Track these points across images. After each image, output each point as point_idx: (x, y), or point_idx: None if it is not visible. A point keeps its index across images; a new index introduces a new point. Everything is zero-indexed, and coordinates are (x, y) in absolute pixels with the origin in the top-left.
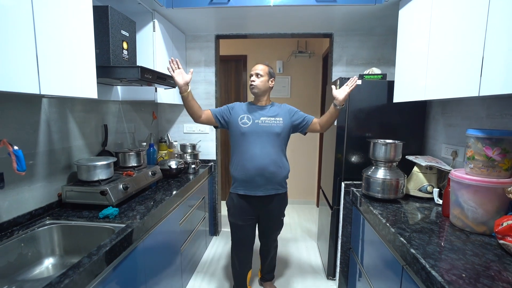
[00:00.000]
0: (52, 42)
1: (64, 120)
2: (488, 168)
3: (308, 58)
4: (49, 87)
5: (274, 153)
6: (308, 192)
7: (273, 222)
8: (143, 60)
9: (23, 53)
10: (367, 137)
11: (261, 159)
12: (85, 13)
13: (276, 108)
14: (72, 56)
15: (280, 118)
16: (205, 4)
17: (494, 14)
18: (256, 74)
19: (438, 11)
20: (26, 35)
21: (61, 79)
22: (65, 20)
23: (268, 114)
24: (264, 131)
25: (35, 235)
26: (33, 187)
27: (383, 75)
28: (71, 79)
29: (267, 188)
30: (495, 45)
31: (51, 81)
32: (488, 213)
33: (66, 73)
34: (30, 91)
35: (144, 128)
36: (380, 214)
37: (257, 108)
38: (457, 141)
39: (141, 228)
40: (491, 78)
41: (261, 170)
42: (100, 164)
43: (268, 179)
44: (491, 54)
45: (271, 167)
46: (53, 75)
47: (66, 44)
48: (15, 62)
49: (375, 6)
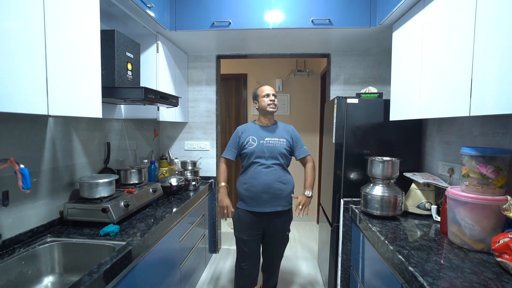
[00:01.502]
0: (61, 65)
1: (68, 138)
2: (483, 185)
3: (307, 76)
4: (57, 108)
5: (279, 171)
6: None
7: (279, 237)
8: (147, 80)
9: (34, 76)
10: (365, 154)
11: (266, 176)
12: (93, 37)
13: (281, 128)
14: (80, 78)
15: (284, 139)
16: (207, 27)
17: (480, 39)
18: (273, 95)
19: (429, 34)
20: (38, 58)
21: (68, 100)
22: (75, 44)
23: (273, 135)
24: (269, 150)
25: (36, 253)
26: (35, 204)
27: (379, 93)
28: (78, 99)
29: (273, 205)
30: (482, 68)
31: (59, 102)
32: (485, 230)
33: (73, 94)
34: (39, 112)
35: (146, 145)
36: (378, 231)
37: (261, 128)
38: (453, 158)
39: (141, 246)
40: (480, 99)
41: (267, 187)
42: (102, 181)
43: (274, 195)
44: (479, 77)
45: (276, 184)
46: (61, 96)
47: (75, 67)
48: (26, 84)
49: (369, 29)
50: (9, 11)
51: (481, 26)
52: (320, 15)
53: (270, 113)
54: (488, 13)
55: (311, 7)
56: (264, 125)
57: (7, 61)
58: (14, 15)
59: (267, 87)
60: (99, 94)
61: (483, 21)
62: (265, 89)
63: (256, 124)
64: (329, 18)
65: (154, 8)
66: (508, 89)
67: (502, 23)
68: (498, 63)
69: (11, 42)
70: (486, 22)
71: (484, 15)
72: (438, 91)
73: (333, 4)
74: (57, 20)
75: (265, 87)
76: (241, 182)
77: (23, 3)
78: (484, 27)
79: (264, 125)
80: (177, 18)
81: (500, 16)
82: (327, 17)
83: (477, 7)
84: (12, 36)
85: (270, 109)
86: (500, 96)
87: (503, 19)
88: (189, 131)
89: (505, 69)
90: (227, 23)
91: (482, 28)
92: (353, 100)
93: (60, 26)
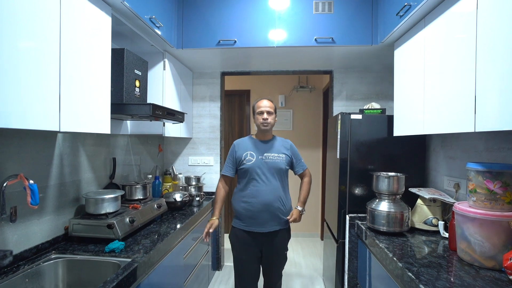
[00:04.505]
0: (74, 82)
1: (75, 153)
2: (491, 201)
3: (309, 92)
4: (68, 124)
5: (279, 189)
6: (312, 225)
7: (277, 257)
8: (153, 96)
9: (48, 93)
10: (369, 170)
11: (266, 195)
12: (104, 56)
13: (279, 143)
14: (90, 95)
15: (283, 154)
16: (213, 45)
17: (482, 56)
18: (267, 112)
19: (430, 52)
20: (52, 76)
21: (79, 116)
22: (88, 62)
23: (271, 150)
24: (268, 167)
25: (40, 270)
26: (41, 220)
27: (382, 109)
28: (88, 116)
29: (271, 224)
30: (485, 84)
31: (70, 118)
32: (496, 247)
33: (84, 110)
34: (51, 128)
35: (150, 161)
36: (386, 248)
37: (260, 143)
38: (459, 174)
39: (146, 263)
40: (485, 114)
41: (267, 206)
42: (108, 197)
43: (273, 214)
44: (483, 93)
45: (276, 203)
46: (72, 112)
47: (86, 84)
48: (39, 102)
49: (371, 47)
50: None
51: (482, 44)
52: (323, 34)
53: (264, 131)
54: (488, 31)
55: (315, 26)
56: (262, 139)
57: (21, 79)
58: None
59: (263, 103)
60: (108, 110)
61: (484, 39)
62: (261, 106)
63: (253, 139)
64: (332, 36)
65: (162, 28)
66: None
67: (503, 39)
68: (501, 79)
69: (25, 61)
70: (487, 40)
71: (485, 33)
72: (441, 108)
73: (336, 23)
74: (71, 40)
75: (262, 102)
76: (238, 200)
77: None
78: (485, 45)
79: (262, 139)
80: (184, 36)
81: (500, 33)
82: (330, 35)
83: (478, 26)
84: (26, 55)
85: (263, 127)
86: (504, 112)
87: (503, 36)
88: (193, 146)
89: (508, 85)
90: (233, 41)
91: (484, 45)
92: (357, 116)
93: (75, 46)
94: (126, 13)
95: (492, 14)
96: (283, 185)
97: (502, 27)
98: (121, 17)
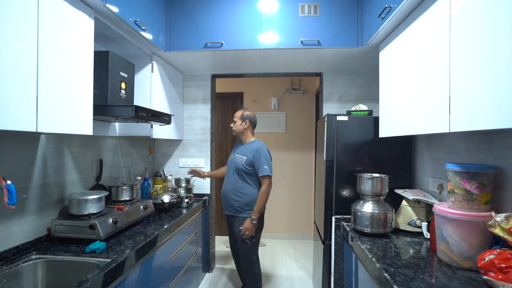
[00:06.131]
0: (53, 83)
1: (60, 155)
2: (468, 201)
3: (302, 94)
4: (46, 125)
5: (236, 183)
6: (305, 227)
7: (236, 241)
8: (141, 99)
9: (24, 93)
10: (356, 171)
11: (225, 186)
12: (86, 58)
13: (249, 146)
14: (71, 96)
15: (245, 156)
16: (200, 47)
17: (455, 57)
18: (233, 121)
19: (410, 54)
20: (29, 76)
21: (59, 118)
22: (68, 64)
23: (240, 151)
24: (232, 164)
25: (19, 270)
26: (22, 221)
27: (369, 111)
28: (69, 117)
29: (228, 209)
30: (459, 86)
31: (49, 119)
32: (473, 248)
33: (64, 111)
34: (27, 129)
35: (141, 163)
36: (368, 249)
37: (239, 144)
38: (442, 175)
39: (126, 263)
40: (459, 115)
41: (224, 194)
42: (91, 198)
43: (228, 202)
44: (456, 93)
45: (229, 194)
46: (52, 113)
47: (67, 86)
48: (15, 102)
49: (358, 49)
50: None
51: (456, 45)
52: (309, 36)
53: (235, 136)
54: (461, 31)
55: (301, 28)
56: (242, 142)
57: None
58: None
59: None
60: (91, 112)
61: (457, 40)
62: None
63: (239, 142)
64: (318, 39)
65: (149, 30)
66: (484, 106)
67: (474, 40)
68: (473, 81)
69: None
70: (460, 41)
71: (458, 34)
72: (420, 109)
73: (322, 25)
74: (50, 41)
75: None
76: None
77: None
78: (458, 46)
79: (242, 142)
80: (172, 39)
81: (472, 35)
82: (316, 38)
83: (451, 27)
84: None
85: (233, 133)
86: (477, 113)
87: (475, 36)
88: (184, 148)
89: (480, 87)
90: (220, 44)
91: (457, 47)
92: (343, 118)
93: (54, 47)
94: (110, 16)
95: (464, 15)
96: (242, 181)
97: (473, 27)
98: (106, 20)
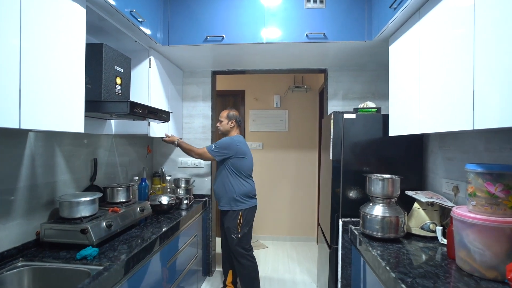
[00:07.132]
0: (39, 77)
1: (50, 154)
2: (492, 205)
3: (305, 92)
4: (31, 122)
5: (221, 178)
6: (308, 228)
7: (225, 234)
8: (139, 95)
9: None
10: (364, 172)
11: (215, 180)
12: (78, 50)
13: None
14: (60, 91)
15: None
16: (200, 41)
17: (480, 50)
18: (219, 120)
19: (426, 47)
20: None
21: (46, 114)
22: (56, 56)
23: None
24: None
25: (2, 279)
26: (8, 225)
27: (377, 108)
28: (57, 113)
29: (219, 204)
30: (484, 79)
31: (34, 115)
32: (497, 256)
33: (51, 107)
34: (8, 126)
35: (139, 162)
36: (379, 255)
37: None
38: (458, 176)
39: (119, 271)
40: (484, 111)
41: (214, 189)
42: (84, 200)
43: (217, 197)
44: (482, 88)
45: (217, 189)
46: (37, 109)
47: (54, 80)
48: None
49: (366, 43)
50: None
51: (481, 35)
52: (314, 29)
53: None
54: (487, 24)
55: (306, 21)
56: None
57: None
58: None
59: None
60: (82, 108)
61: (482, 30)
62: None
63: None
64: (324, 32)
65: (146, 23)
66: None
67: (502, 33)
68: (501, 74)
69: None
70: (486, 31)
71: (483, 26)
72: (438, 105)
73: (328, 18)
74: (35, 31)
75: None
76: None
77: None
78: (484, 38)
79: None
80: (170, 33)
81: (500, 26)
82: (322, 31)
83: (476, 18)
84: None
85: (219, 132)
86: (505, 108)
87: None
88: None
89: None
90: (220, 37)
91: (483, 37)
92: (350, 115)
93: (39, 35)
94: (104, 6)
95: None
96: (224, 176)
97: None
98: (99, 11)
